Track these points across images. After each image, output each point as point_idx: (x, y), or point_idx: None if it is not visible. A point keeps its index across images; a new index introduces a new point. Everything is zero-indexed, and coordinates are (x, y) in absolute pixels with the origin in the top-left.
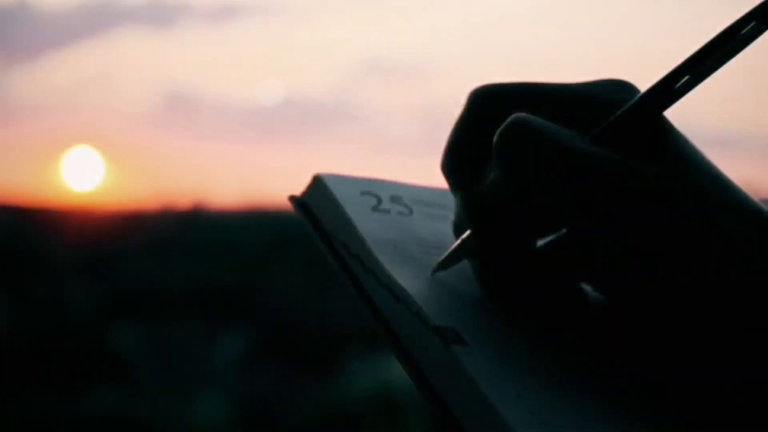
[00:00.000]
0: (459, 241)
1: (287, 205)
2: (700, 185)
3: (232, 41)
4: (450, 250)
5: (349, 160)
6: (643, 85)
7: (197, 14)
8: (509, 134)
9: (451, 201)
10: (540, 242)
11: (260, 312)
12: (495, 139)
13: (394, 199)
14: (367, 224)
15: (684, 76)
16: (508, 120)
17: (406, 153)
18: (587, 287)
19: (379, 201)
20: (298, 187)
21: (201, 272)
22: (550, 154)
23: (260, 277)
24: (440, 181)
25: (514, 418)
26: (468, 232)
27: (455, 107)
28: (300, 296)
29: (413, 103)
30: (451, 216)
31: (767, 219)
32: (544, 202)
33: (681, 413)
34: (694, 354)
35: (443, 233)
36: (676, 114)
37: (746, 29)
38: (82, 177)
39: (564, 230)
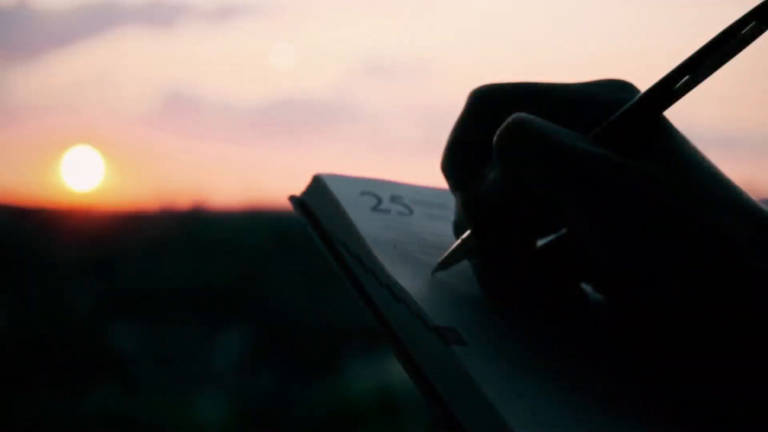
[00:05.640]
0: (459, 241)
1: (287, 205)
2: (700, 185)
3: (232, 41)
4: (450, 250)
5: (349, 160)
6: (643, 85)
7: (197, 14)
8: (509, 134)
9: (451, 201)
10: (540, 242)
11: (260, 312)
12: (495, 139)
13: (394, 199)
14: (367, 224)
15: (684, 76)
16: (509, 120)
17: (406, 153)
18: (587, 287)
19: (379, 201)
20: (298, 187)
21: (201, 272)
22: (550, 154)
23: (260, 277)
24: (440, 181)
25: (514, 418)
26: (468, 232)
27: (455, 107)
28: (300, 296)
29: (413, 103)
30: (451, 216)
31: (767, 219)
32: (544, 202)
33: (681, 413)
34: (694, 354)
35: (443, 233)
36: (676, 114)
37: (746, 29)
38: (82, 177)
39: (564, 230)
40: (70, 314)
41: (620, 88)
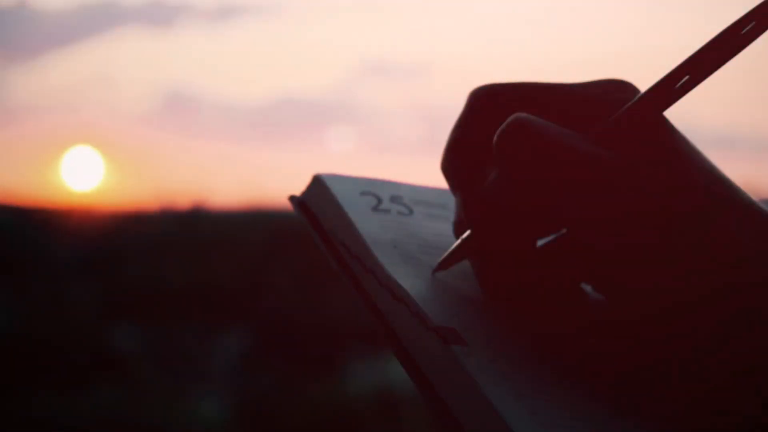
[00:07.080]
0: (459, 241)
1: (287, 205)
2: (700, 185)
3: (232, 41)
4: (450, 250)
5: (349, 160)
6: (643, 85)
7: (197, 14)
8: (509, 134)
9: (451, 201)
10: (540, 242)
11: (260, 312)
12: (495, 139)
13: (394, 199)
14: (367, 224)
15: (684, 76)
16: (509, 120)
17: (406, 153)
18: (587, 287)
19: (379, 201)
20: (298, 187)
21: (201, 272)
22: (551, 153)
23: (260, 277)
24: (440, 181)
25: (514, 418)
26: (468, 232)
27: (455, 107)
28: (300, 296)
29: (413, 103)
30: (451, 216)
31: (767, 219)
32: (544, 201)
33: (680, 413)
34: (694, 354)
35: (443, 233)
36: (676, 114)
37: (746, 29)
38: (82, 177)
39: (564, 230)
40: (70, 314)
41: (620, 88)
